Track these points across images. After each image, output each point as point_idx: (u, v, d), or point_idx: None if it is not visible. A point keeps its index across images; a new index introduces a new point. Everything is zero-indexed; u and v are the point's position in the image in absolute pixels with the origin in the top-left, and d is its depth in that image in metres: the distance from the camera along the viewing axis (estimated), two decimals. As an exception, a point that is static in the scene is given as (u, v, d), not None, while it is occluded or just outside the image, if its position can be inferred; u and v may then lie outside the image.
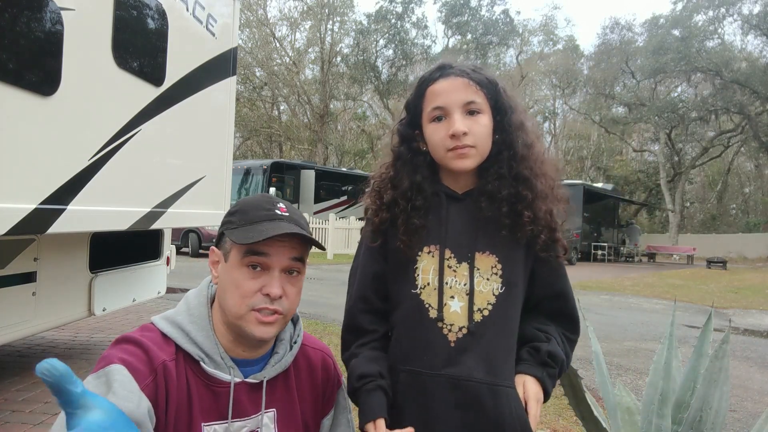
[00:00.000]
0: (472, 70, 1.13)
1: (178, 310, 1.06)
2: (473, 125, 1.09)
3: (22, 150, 2.27)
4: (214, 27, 4.03)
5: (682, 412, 1.70)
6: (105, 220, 2.91)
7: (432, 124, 1.13)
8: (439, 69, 1.15)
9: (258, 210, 1.02)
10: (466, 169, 1.12)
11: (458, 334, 1.09)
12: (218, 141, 4.31)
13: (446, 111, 1.10)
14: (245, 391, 1.04)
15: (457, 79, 1.11)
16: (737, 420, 3.74)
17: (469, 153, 1.10)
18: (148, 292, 4.29)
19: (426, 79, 1.16)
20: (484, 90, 1.11)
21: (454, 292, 1.10)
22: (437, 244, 1.12)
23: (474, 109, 1.10)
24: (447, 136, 1.09)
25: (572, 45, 34.92)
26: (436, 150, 1.13)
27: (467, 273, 1.11)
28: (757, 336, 7.08)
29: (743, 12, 25.31)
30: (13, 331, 2.99)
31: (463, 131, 1.08)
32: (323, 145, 31.19)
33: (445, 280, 1.11)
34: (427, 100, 1.14)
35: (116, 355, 0.92)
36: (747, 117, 24.72)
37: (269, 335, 1.02)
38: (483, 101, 1.11)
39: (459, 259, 1.12)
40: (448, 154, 1.10)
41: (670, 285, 13.01)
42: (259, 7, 29.60)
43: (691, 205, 39.34)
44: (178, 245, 13.54)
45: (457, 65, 1.15)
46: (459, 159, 1.10)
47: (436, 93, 1.12)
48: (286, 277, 1.02)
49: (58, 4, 2.42)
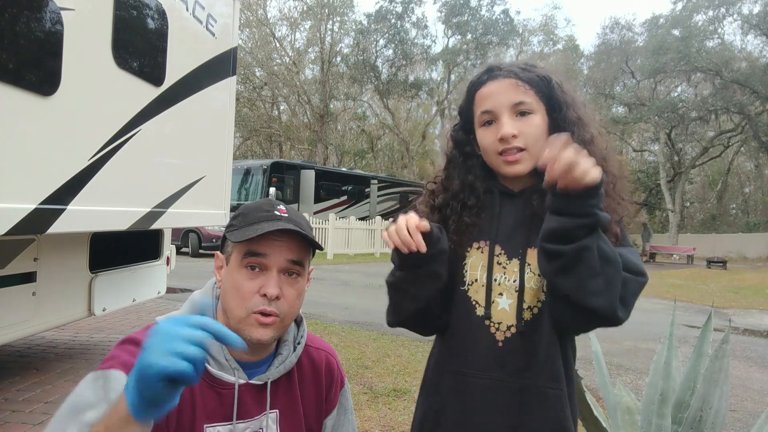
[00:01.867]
0: (522, 69, 1.09)
1: (183, 311, 1.06)
2: (524, 126, 1.05)
3: (22, 150, 2.27)
4: (214, 27, 4.03)
5: (682, 411, 1.70)
6: (105, 220, 2.91)
7: (482, 128, 1.10)
8: (487, 71, 1.12)
9: (258, 212, 1.04)
10: (519, 173, 1.07)
11: (506, 333, 1.05)
12: (218, 141, 4.31)
13: (495, 114, 1.07)
14: (249, 393, 1.04)
15: (505, 81, 1.07)
16: (737, 420, 3.74)
17: (521, 157, 1.05)
18: (148, 292, 4.29)
19: (474, 83, 1.13)
20: (535, 89, 1.07)
21: (503, 289, 1.07)
22: (487, 239, 1.10)
23: (524, 109, 1.06)
24: (496, 139, 1.06)
25: (572, 45, 34.92)
26: (488, 155, 1.10)
27: (518, 269, 1.07)
28: (757, 336, 7.08)
29: (743, 12, 25.32)
30: (13, 331, 2.99)
31: (512, 134, 1.04)
32: (323, 145, 31.19)
33: (494, 277, 1.08)
34: (476, 105, 1.11)
35: (120, 359, 0.92)
36: (747, 117, 24.71)
37: (266, 338, 1.01)
38: (534, 100, 1.07)
39: (510, 256, 1.08)
40: (499, 159, 1.07)
41: (670, 285, 13.00)
42: (259, 7, 29.62)
43: (691, 205, 39.32)
44: (178, 245, 13.53)
45: (505, 66, 1.11)
46: (509, 165, 1.06)
47: (484, 96, 1.09)
48: (284, 278, 1.02)
49: (58, 4, 2.42)
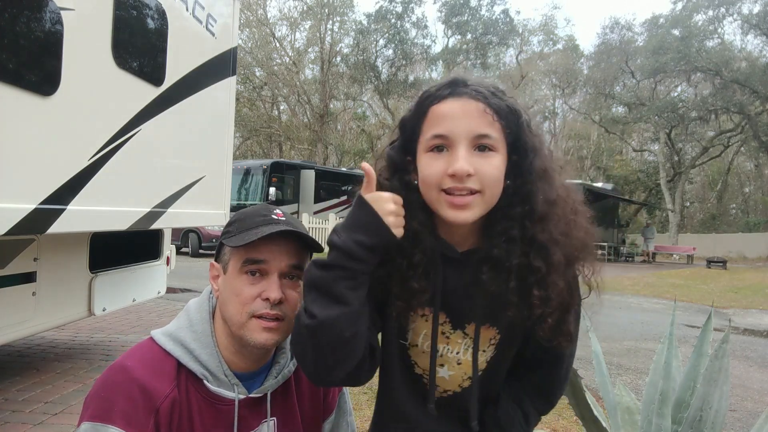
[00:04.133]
0: (492, 93, 0.88)
1: (180, 324, 1.05)
2: (482, 165, 0.85)
3: (22, 150, 2.27)
4: (214, 27, 4.03)
5: (682, 411, 1.70)
6: (105, 220, 2.91)
7: (429, 154, 0.88)
8: (450, 85, 0.90)
9: (255, 217, 1.03)
10: (464, 222, 0.87)
11: (443, 394, 1.01)
12: (218, 141, 4.31)
13: (449, 141, 0.86)
14: (248, 406, 1.03)
15: (471, 103, 0.86)
16: (737, 420, 3.74)
17: (471, 202, 0.86)
18: (148, 292, 4.29)
19: (431, 95, 0.90)
20: (503, 122, 0.87)
21: (445, 361, 0.99)
22: (430, 306, 0.96)
23: (486, 144, 0.86)
24: (445, 173, 0.85)
25: (572, 45, 34.89)
26: (428, 188, 0.88)
27: (461, 341, 0.98)
28: (757, 336, 7.08)
29: (743, 12, 25.31)
30: (13, 331, 2.99)
31: (468, 171, 0.84)
32: (323, 145, 31.18)
33: (437, 347, 0.99)
34: (428, 123, 0.90)
35: (117, 407, 0.92)
36: (747, 117, 24.71)
37: (271, 342, 1.00)
38: (499, 136, 0.87)
39: (454, 326, 0.97)
40: (442, 198, 0.86)
41: (670, 285, 13.01)
42: (259, 7, 29.60)
43: (691, 204, 39.33)
44: (178, 245, 13.53)
45: (472, 83, 0.89)
46: (455, 209, 0.86)
47: (441, 116, 0.88)
48: (286, 282, 1.01)
49: (58, 4, 2.42)
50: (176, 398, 0.96)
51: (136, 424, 0.91)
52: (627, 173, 36.12)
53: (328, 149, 33.18)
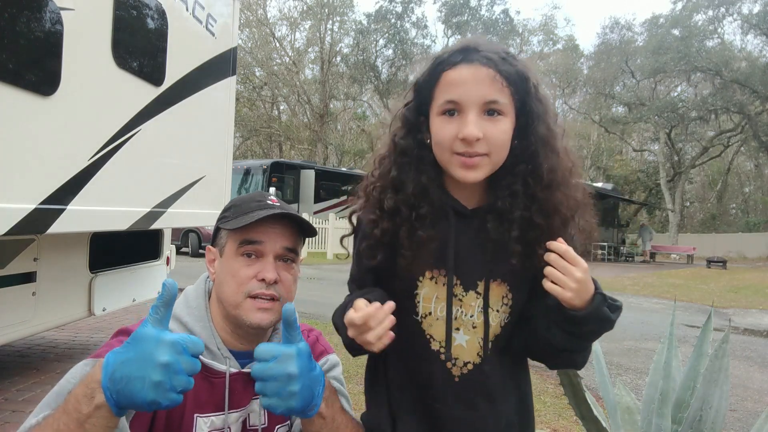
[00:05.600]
0: (502, 59, 0.92)
1: (176, 303, 1.09)
2: (490, 129, 0.91)
3: (22, 150, 2.27)
4: (214, 27, 4.03)
5: (682, 411, 1.70)
6: (105, 220, 2.92)
7: (441, 117, 0.94)
8: (462, 51, 0.94)
9: (250, 202, 1.07)
10: (473, 181, 0.94)
11: (463, 369, 0.99)
12: (218, 141, 4.31)
13: (461, 107, 0.92)
14: (241, 381, 1.05)
15: (482, 69, 0.91)
16: (737, 419, 3.74)
17: (480, 163, 0.92)
18: (147, 292, 4.29)
19: (443, 61, 0.95)
20: (512, 87, 0.92)
21: (460, 324, 0.98)
22: (441, 268, 0.98)
23: (495, 109, 0.91)
24: (456, 137, 0.91)
25: (572, 45, 34.91)
26: (441, 150, 0.95)
27: (474, 303, 0.98)
28: (757, 335, 7.08)
29: (743, 11, 25.33)
30: (13, 331, 2.99)
31: (477, 137, 0.90)
32: (323, 145, 31.18)
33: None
34: (440, 88, 0.95)
35: (111, 347, 0.93)
36: (747, 116, 24.71)
37: (266, 322, 1.02)
38: (507, 101, 0.92)
39: (466, 287, 0.98)
40: (454, 159, 0.93)
41: (670, 284, 13.00)
42: (259, 7, 29.61)
43: (691, 204, 39.32)
44: (178, 245, 13.53)
45: (484, 49, 0.93)
46: (465, 169, 0.93)
47: (452, 82, 0.93)
48: (280, 264, 1.05)
49: (58, 4, 2.42)
50: None
51: None
52: (627, 173, 36.11)
53: (328, 149, 33.17)
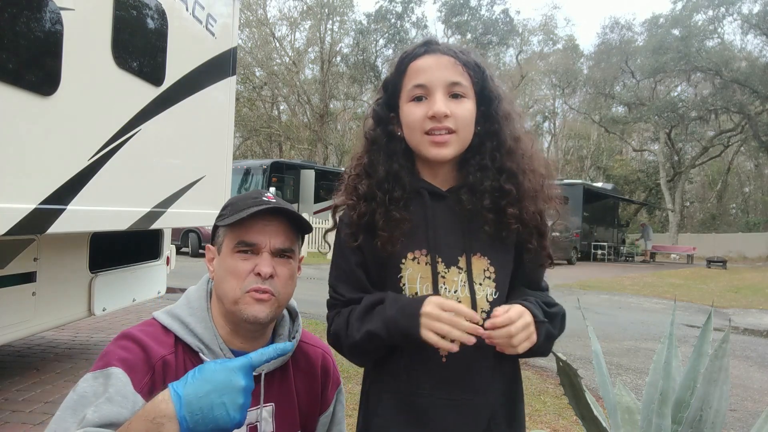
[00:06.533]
0: (460, 51, 1.05)
1: (178, 304, 1.10)
2: (456, 108, 1.01)
3: (22, 150, 2.27)
4: (214, 27, 4.03)
5: (682, 411, 1.70)
6: (105, 220, 2.91)
7: (411, 103, 1.03)
8: (424, 44, 1.06)
9: (246, 200, 1.08)
10: (444, 158, 1.03)
11: (455, 354, 0.98)
12: (218, 141, 4.31)
13: (428, 90, 1.01)
14: None
15: (444, 57, 1.02)
16: (737, 419, 3.74)
17: (449, 140, 1.01)
18: (148, 292, 4.29)
19: (409, 54, 1.06)
20: (471, 73, 1.03)
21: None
22: (423, 248, 1.02)
23: (458, 92, 1.01)
24: (426, 116, 1.00)
25: (572, 44, 34.90)
26: (412, 132, 1.03)
27: (457, 279, 1.01)
28: (757, 335, 7.08)
29: (743, 11, 25.31)
30: (13, 331, 2.99)
31: (445, 113, 0.99)
32: (323, 145, 31.17)
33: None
34: (407, 78, 1.05)
35: (116, 355, 0.95)
36: (747, 116, 24.71)
37: (263, 315, 1.03)
38: (468, 85, 1.03)
39: (448, 264, 1.02)
40: (425, 138, 1.01)
41: (670, 284, 13.00)
42: (259, 7, 29.60)
43: (691, 204, 39.33)
44: (178, 245, 13.53)
45: (443, 43, 1.07)
46: (436, 146, 1.01)
47: (419, 70, 1.03)
48: (277, 260, 1.06)
49: (58, 4, 2.42)
50: (173, 363, 0.99)
51: (135, 372, 0.94)
52: (627, 173, 36.10)
53: (328, 149, 33.15)
